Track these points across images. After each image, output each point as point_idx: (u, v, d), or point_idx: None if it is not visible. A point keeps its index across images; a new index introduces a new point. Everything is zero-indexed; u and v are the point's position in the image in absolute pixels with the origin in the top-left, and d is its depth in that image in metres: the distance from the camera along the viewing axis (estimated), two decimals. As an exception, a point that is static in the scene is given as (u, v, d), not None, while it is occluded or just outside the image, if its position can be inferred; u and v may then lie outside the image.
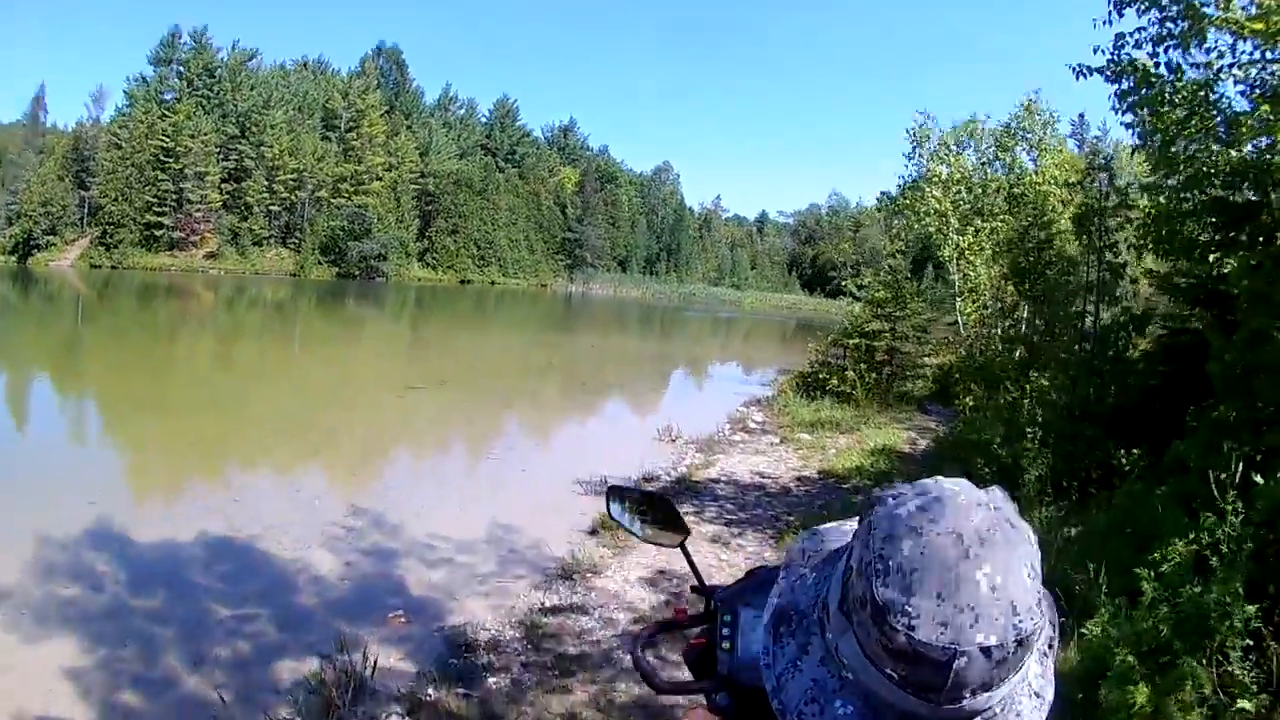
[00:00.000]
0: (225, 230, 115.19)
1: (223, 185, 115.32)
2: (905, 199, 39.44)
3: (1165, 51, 11.68)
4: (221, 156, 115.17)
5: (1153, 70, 11.90)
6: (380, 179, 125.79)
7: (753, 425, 24.77)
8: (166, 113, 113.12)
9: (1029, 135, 36.75)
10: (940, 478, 1.40)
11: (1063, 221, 29.84)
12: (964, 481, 1.38)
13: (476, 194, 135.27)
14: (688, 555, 2.56)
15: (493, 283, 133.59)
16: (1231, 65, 11.08)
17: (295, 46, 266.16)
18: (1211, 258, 12.17)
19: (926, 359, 33.68)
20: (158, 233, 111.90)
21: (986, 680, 1.25)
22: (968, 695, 1.25)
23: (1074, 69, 12.90)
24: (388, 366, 38.04)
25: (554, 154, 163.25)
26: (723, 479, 17.62)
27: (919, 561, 1.25)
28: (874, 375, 29.58)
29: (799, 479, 17.96)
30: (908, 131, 39.02)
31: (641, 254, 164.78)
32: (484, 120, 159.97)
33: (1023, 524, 1.34)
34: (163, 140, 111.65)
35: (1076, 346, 21.20)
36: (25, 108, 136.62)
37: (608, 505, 2.87)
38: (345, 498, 15.36)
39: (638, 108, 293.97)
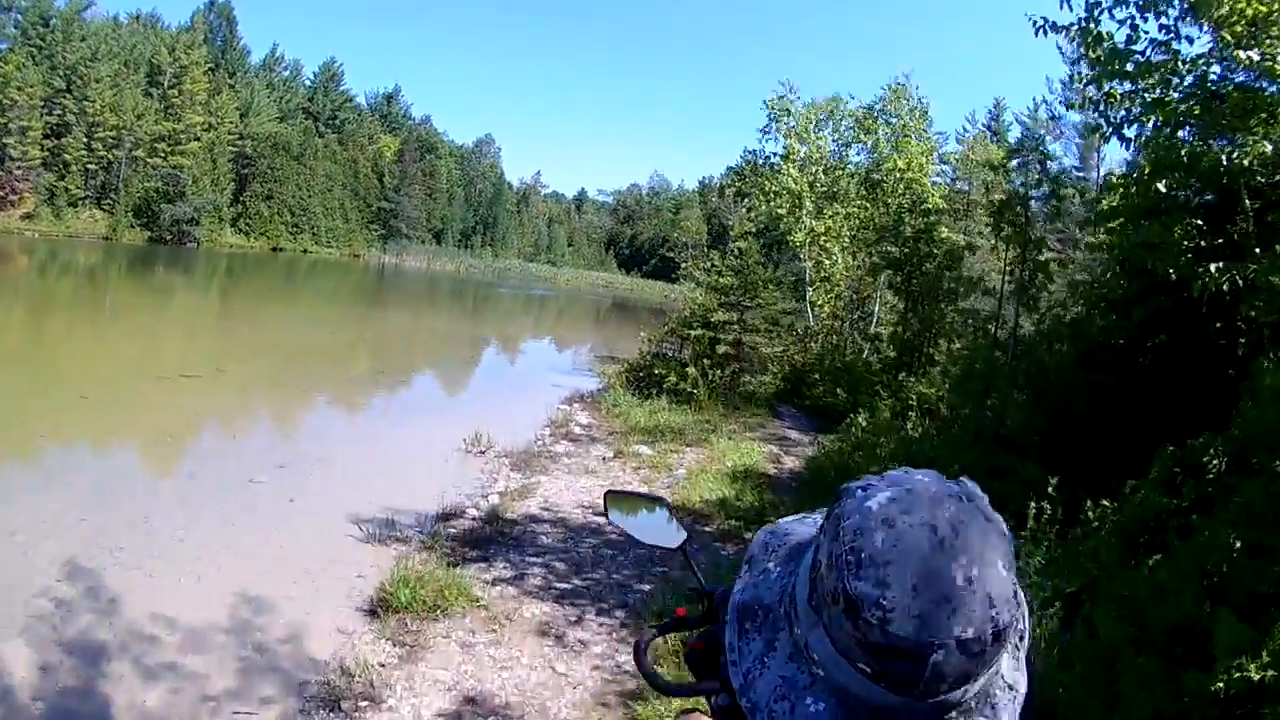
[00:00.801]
0: (43, 189, 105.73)
1: (44, 141, 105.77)
2: (758, 175, 35.94)
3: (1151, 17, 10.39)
4: (45, 111, 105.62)
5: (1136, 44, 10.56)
6: (199, 139, 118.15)
7: (578, 431, 21.58)
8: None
9: (893, 120, 33.77)
10: (909, 469, 1.39)
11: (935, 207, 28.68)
12: (933, 472, 1.38)
13: (294, 159, 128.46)
14: (687, 557, 2.62)
15: (305, 251, 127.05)
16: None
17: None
18: (1215, 266, 9.94)
19: (776, 354, 30.15)
20: None
21: (964, 673, 1.23)
22: (944, 688, 1.23)
23: (1035, 22, 10.85)
24: (166, 348, 31.90)
25: (376, 121, 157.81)
26: (547, 516, 14.01)
27: (893, 554, 1.23)
28: (718, 372, 26.45)
29: (648, 517, 14.06)
30: (765, 103, 35.46)
31: (458, 227, 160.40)
32: (308, 83, 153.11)
33: (996, 516, 1.33)
34: None
35: (996, 355, 18.07)
36: None
37: (606, 512, 2.95)
38: (56, 548, 10.81)
39: (463, 79, 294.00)
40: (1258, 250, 9.92)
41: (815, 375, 27.87)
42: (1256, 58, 9.36)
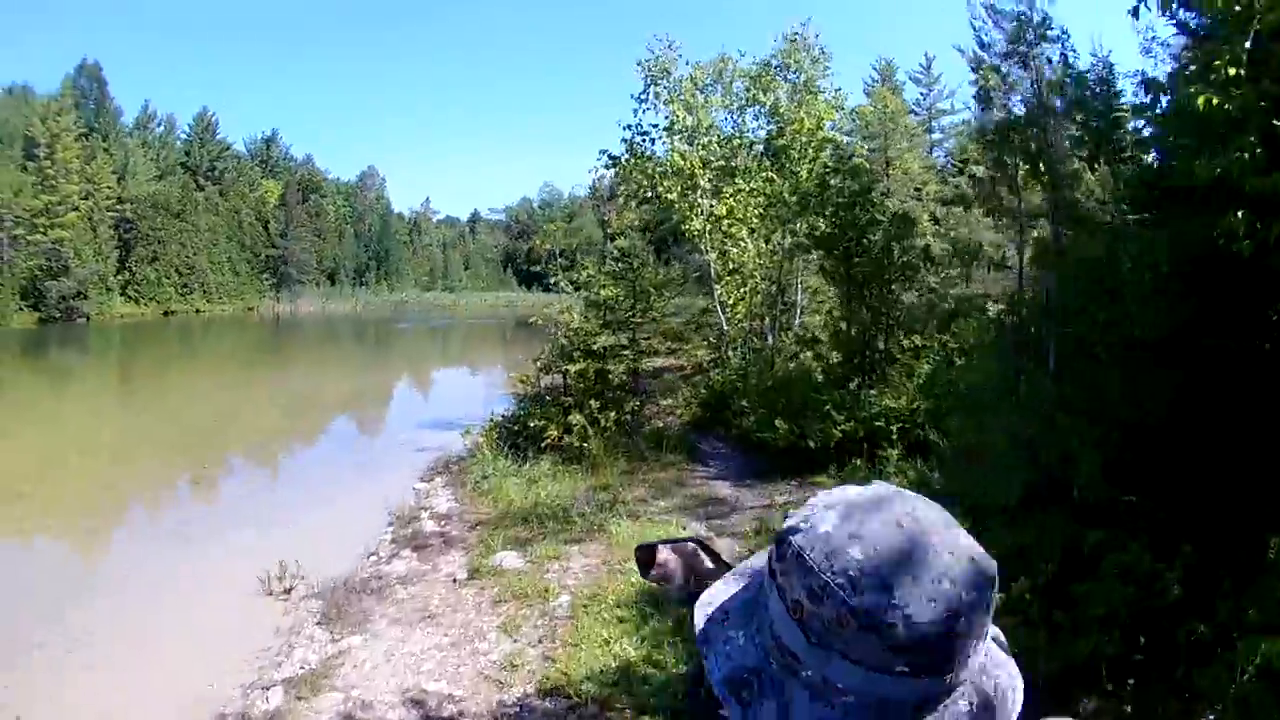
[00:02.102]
0: None
1: None
2: (639, 157, 28.00)
3: None
4: None
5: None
6: (76, 209, 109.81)
7: (429, 529, 15.64)
8: None
9: (794, 76, 27.19)
10: (824, 492, 1.45)
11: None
12: (846, 486, 1.45)
13: (174, 216, 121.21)
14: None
15: (198, 311, 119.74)
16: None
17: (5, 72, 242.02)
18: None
19: (687, 375, 25.14)
20: None
21: (980, 629, 1.30)
22: (971, 650, 1.30)
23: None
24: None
25: (256, 167, 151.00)
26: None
27: (878, 557, 1.28)
28: (613, 414, 19.98)
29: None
30: (640, 65, 27.70)
31: (351, 265, 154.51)
32: (184, 137, 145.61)
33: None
34: None
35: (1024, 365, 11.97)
36: None
37: (643, 572, 2.80)
38: None
39: (340, 113, 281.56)
40: None
41: (740, 397, 21.45)
42: None
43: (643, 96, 27.39)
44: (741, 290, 26.54)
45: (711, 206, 26.19)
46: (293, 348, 77.72)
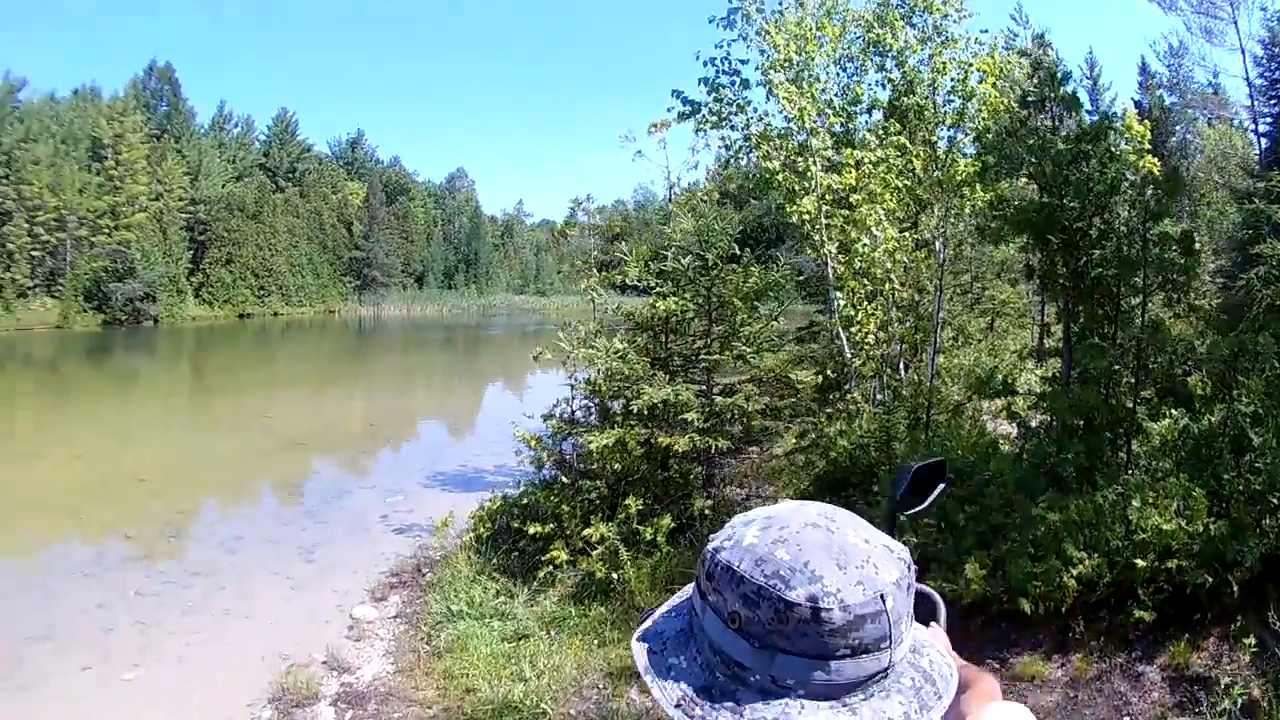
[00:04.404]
0: None
1: None
2: (722, 103, 18.03)
3: None
4: None
5: None
6: (144, 210, 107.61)
7: None
8: None
9: (921, 18, 18.25)
10: (739, 515, 1.58)
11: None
12: (759, 507, 1.59)
13: (250, 218, 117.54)
14: None
15: (275, 314, 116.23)
16: None
17: (74, 74, 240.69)
18: None
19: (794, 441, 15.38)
20: None
21: (905, 608, 1.42)
22: (902, 630, 1.41)
23: None
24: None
25: (340, 169, 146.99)
26: None
27: (804, 555, 1.38)
28: (667, 519, 12.15)
29: None
30: None
31: (439, 267, 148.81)
32: (263, 138, 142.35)
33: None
34: None
35: None
36: None
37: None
38: None
39: (429, 117, 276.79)
40: None
41: (880, 477, 11.84)
42: None
43: (729, 19, 17.96)
44: (873, 304, 16.77)
45: (830, 182, 16.80)
46: (373, 355, 72.82)
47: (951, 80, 17.51)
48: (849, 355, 16.46)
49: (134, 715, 10.54)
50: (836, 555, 1.38)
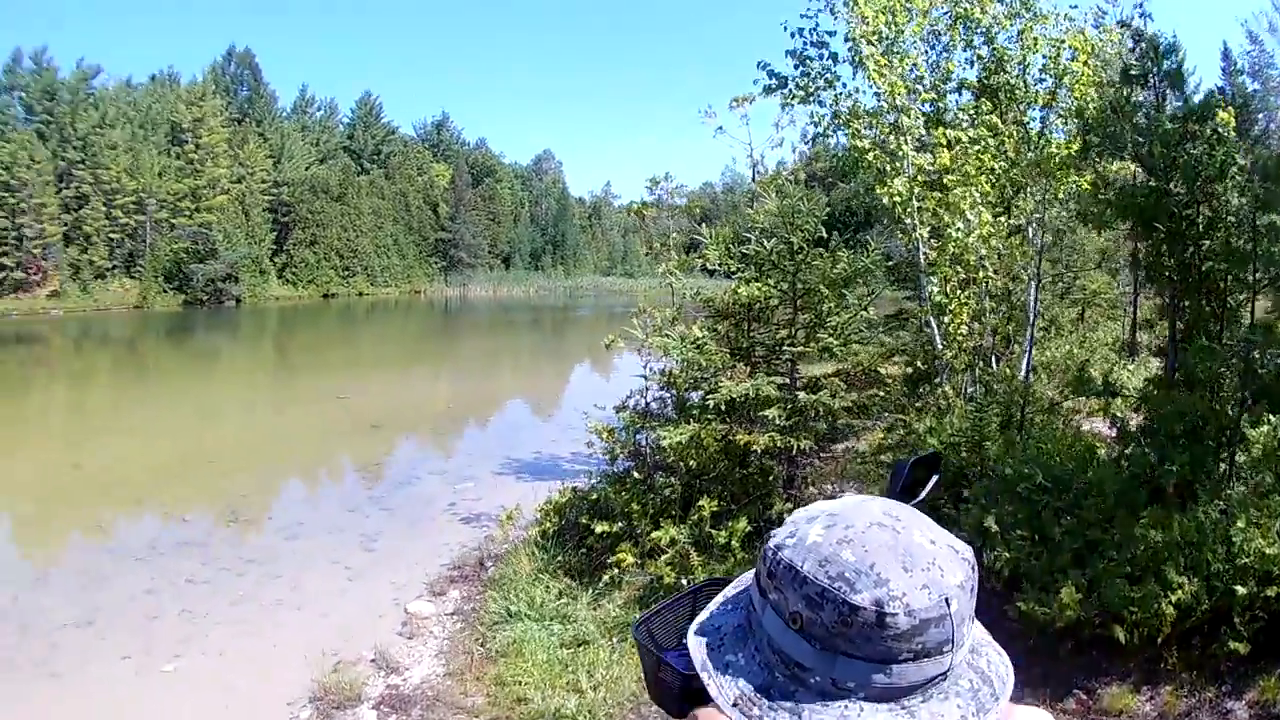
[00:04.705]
0: (67, 265, 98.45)
1: (61, 216, 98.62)
2: (810, 77, 17.06)
3: None
4: (63, 185, 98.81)
5: None
6: (227, 192, 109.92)
7: None
8: (3, 143, 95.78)
9: None
10: (800, 510, 1.55)
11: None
12: (820, 501, 1.56)
13: (334, 199, 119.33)
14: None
15: (360, 294, 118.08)
16: None
17: (151, 61, 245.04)
18: None
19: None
20: None
21: (968, 611, 1.40)
22: (964, 632, 1.39)
23: None
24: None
25: (425, 151, 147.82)
26: None
27: (870, 557, 1.36)
28: (743, 522, 11.20)
29: None
30: None
31: (526, 249, 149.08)
32: (346, 121, 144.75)
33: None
34: None
35: None
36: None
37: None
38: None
39: (514, 98, 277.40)
40: None
41: (972, 485, 10.71)
42: None
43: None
44: (966, 292, 15.62)
45: (921, 162, 15.81)
46: (447, 335, 73.53)
47: (1043, 58, 16.67)
48: (940, 346, 15.63)
49: (168, 709, 10.10)
50: (902, 557, 1.36)
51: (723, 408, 11.81)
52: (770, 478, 12.40)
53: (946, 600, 1.33)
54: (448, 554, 14.77)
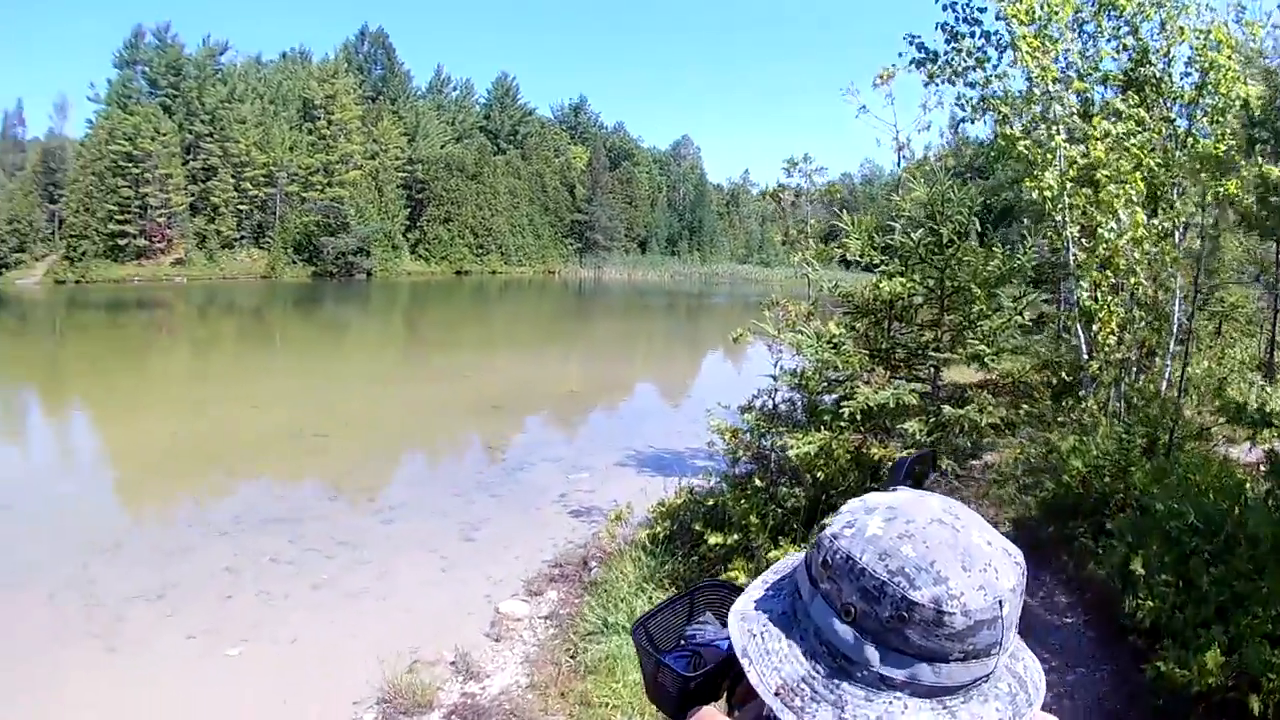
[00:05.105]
0: (192, 235, 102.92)
1: (188, 187, 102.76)
2: (960, 54, 15.83)
3: None
4: (190, 157, 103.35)
5: None
6: (360, 168, 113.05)
7: None
8: (127, 116, 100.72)
9: None
10: (855, 500, 1.52)
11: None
12: (876, 493, 1.53)
13: (470, 178, 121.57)
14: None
15: (494, 272, 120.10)
16: None
17: (282, 40, 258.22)
18: None
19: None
20: (122, 242, 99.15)
21: (1016, 615, 1.39)
22: (1009, 636, 1.39)
23: None
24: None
25: (564, 133, 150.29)
26: None
27: (930, 554, 1.35)
28: None
29: None
30: None
31: (663, 234, 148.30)
32: (482, 101, 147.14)
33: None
34: (122, 145, 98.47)
35: None
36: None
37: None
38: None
39: (653, 85, 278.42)
40: None
41: (1113, 511, 9.99)
42: None
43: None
44: (1115, 299, 14.19)
45: (1074, 154, 14.49)
46: (579, 316, 73.08)
47: (1190, 49, 15.14)
48: (1086, 357, 14.23)
49: (222, 697, 9.43)
50: (962, 556, 1.34)
51: (858, 416, 10.46)
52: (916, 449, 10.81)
53: (1000, 603, 1.32)
54: (551, 550, 13.85)
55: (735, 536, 10.66)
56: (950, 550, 1.34)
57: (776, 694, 1.40)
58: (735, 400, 12.87)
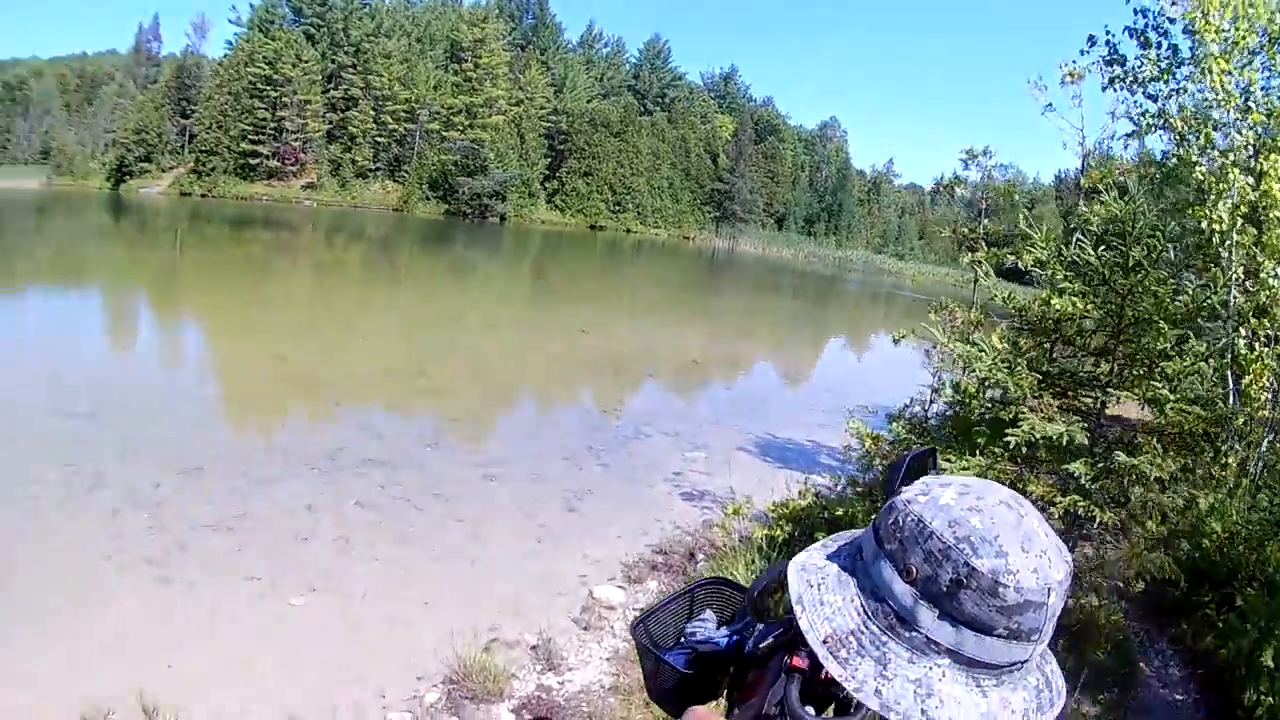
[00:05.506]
0: (327, 161, 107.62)
1: (326, 115, 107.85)
2: (1153, 60, 14.32)
3: None
4: (330, 86, 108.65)
5: None
6: (503, 113, 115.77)
7: None
8: (268, 40, 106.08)
9: None
10: (930, 475, 1.63)
11: None
12: (949, 477, 1.57)
13: (613, 135, 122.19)
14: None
15: (628, 230, 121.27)
16: None
17: None
18: None
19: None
20: (253, 162, 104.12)
21: (1059, 608, 1.42)
22: (1050, 627, 1.42)
23: None
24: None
25: (712, 101, 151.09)
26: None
27: (995, 529, 1.39)
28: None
29: None
30: None
31: (801, 213, 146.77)
32: (633, 61, 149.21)
33: None
34: (262, 68, 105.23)
35: None
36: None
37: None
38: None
39: (804, 63, 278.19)
40: None
41: (1241, 586, 9.16)
42: None
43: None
44: (1270, 349, 12.48)
45: (1245, 185, 13.09)
46: (711, 285, 72.10)
47: None
48: (1235, 407, 12.77)
49: (271, 651, 8.55)
50: (1023, 538, 1.38)
51: (1024, 448, 9.15)
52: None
53: (1049, 589, 1.36)
54: (657, 533, 12.79)
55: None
56: (1014, 530, 1.38)
57: (824, 641, 1.46)
58: (858, 397, 11.98)
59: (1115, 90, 15.04)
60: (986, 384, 10.19)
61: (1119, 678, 8.26)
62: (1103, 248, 9.76)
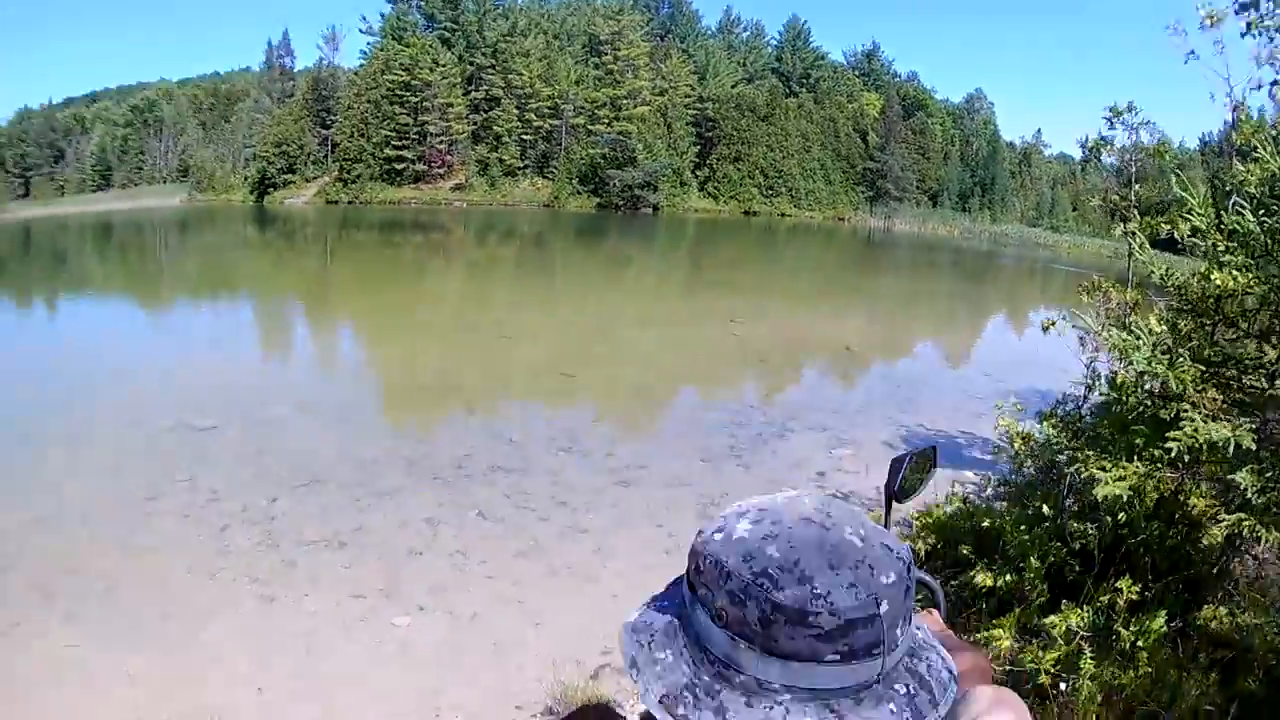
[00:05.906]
0: (474, 161, 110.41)
1: (470, 116, 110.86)
2: None
3: None
4: (472, 88, 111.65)
5: None
6: (648, 104, 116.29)
7: None
8: (403, 47, 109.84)
9: None
10: (731, 504, 1.48)
11: None
12: (756, 496, 1.48)
13: (761, 119, 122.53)
14: None
15: (782, 214, 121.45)
16: None
17: None
18: None
19: None
20: (399, 166, 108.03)
21: (902, 611, 1.34)
22: (897, 634, 1.33)
23: None
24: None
25: (856, 79, 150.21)
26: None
27: (795, 553, 1.31)
28: (1159, 619, 6.69)
29: None
30: None
31: (954, 188, 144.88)
32: (774, 44, 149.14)
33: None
34: (399, 75, 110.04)
35: None
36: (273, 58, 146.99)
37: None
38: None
39: (946, 35, 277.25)
40: None
41: None
42: None
43: None
44: None
45: None
46: (868, 267, 69.09)
47: None
48: None
49: (364, 672, 8.25)
50: (829, 555, 1.30)
51: (1185, 455, 7.65)
52: (1209, 562, 8.14)
53: (876, 600, 1.28)
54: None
55: (1008, 578, 8.01)
56: (817, 550, 1.30)
57: (660, 701, 1.35)
58: (1017, 381, 11.05)
59: (1254, 37, 13.96)
60: (1145, 376, 8.66)
61: (1275, 712, 6.70)
62: (1262, 211, 8.61)
